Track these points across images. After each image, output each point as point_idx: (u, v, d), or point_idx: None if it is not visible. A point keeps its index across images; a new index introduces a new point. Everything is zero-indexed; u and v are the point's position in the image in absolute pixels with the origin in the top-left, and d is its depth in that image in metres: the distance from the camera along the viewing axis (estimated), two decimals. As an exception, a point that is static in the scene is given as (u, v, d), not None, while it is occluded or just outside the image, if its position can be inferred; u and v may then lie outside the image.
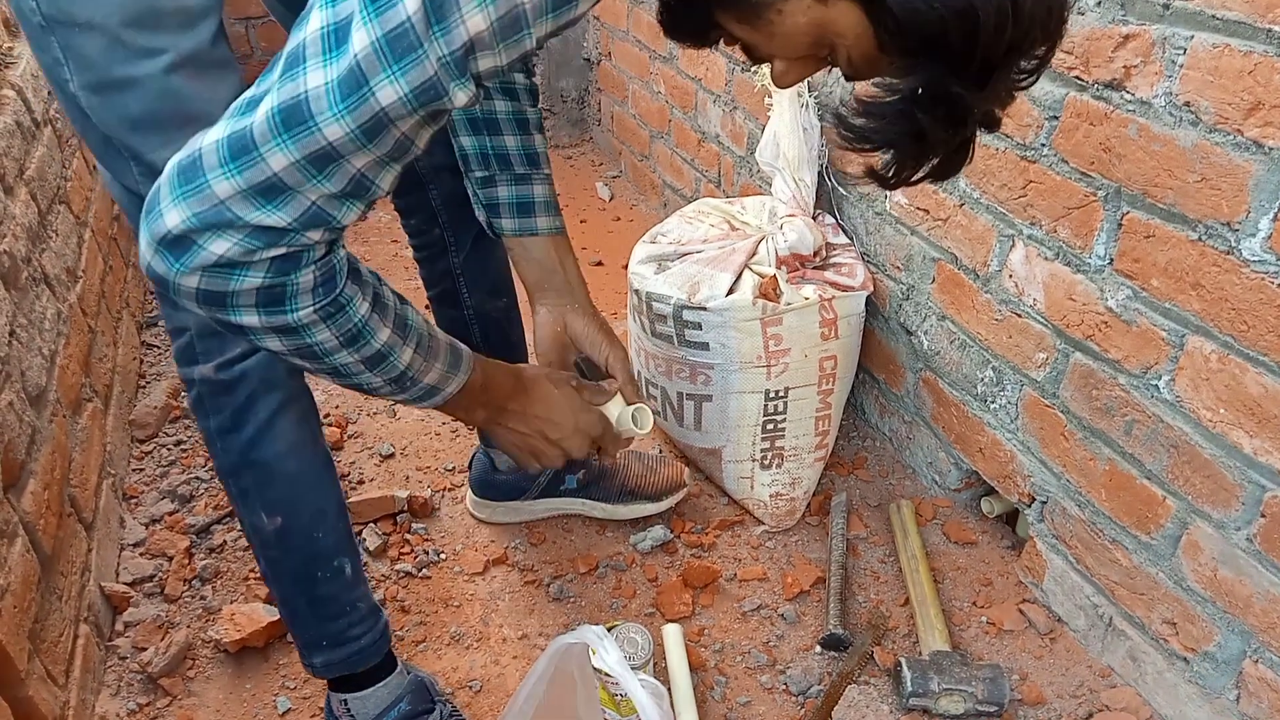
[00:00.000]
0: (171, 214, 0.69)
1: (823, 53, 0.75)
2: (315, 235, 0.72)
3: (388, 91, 0.65)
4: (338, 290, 0.76)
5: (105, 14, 0.84)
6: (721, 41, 0.80)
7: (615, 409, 1.12)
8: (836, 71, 0.76)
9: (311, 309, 0.75)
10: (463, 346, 0.93)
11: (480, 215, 1.21)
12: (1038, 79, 0.72)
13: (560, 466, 1.05)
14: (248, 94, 0.69)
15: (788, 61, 0.78)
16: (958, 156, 0.75)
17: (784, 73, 0.80)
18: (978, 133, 0.74)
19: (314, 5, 0.67)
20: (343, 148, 0.67)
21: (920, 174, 0.75)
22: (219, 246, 0.69)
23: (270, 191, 0.68)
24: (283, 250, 0.71)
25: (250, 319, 0.74)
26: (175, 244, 0.69)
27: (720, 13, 0.76)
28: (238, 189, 0.68)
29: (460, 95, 0.68)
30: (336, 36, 0.65)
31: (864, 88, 0.73)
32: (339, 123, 0.66)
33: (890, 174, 0.75)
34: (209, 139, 0.69)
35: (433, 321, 0.94)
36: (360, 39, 0.64)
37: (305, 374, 0.98)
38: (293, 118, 0.66)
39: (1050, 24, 0.68)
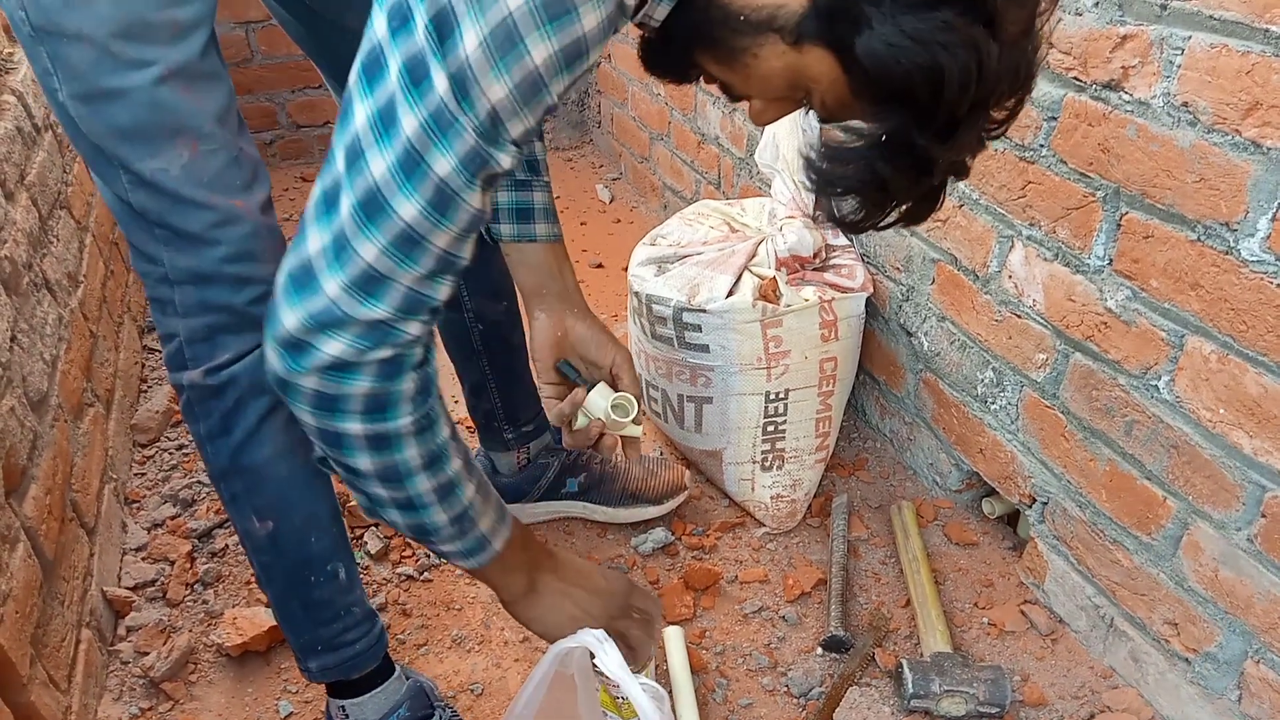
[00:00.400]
0: (289, 317, 0.75)
1: (798, 95, 0.78)
2: (415, 328, 0.77)
3: (442, 164, 0.70)
4: (431, 401, 0.83)
5: (94, 25, 0.84)
6: (701, 80, 0.82)
7: (600, 399, 1.11)
8: None
9: (409, 419, 0.81)
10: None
11: None
12: (1007, 130, 0.75)
13: (596, 626, 1.04)
14: (321, 190, 0.74)
15: (765, 101, 0.81)
16: (926, 203, 0.78)
17: (761, 111, 0.83)
18: (948, 180, 0.76)
19: (352, 98, 0.72)
20: (419, 226, 0.72)
21: (888, 219, 0.78)
22: (332, 347, 0.75)
23: (369, 283, 0.73)
24: (388, 352, 0.76)
25: (354, 425, 0.79)
26: (293, 346, 0.76)
27: (699, 53, 0.78)
28: (343, 285, 0.73)
29: (505, 159, 0.72)
30: (383, 122, 0.70)
31: (832, 134, 0.75)
32: (410, 201, 0.71)
33: (856, 219, 0.78)
34: (313, 246, 0.74)
35: None
36: (409, 122, 0.69)
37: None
38: (371, 206, 0.71)
39: (1018, 80, 0.70)
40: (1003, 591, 1.50)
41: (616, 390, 1.13)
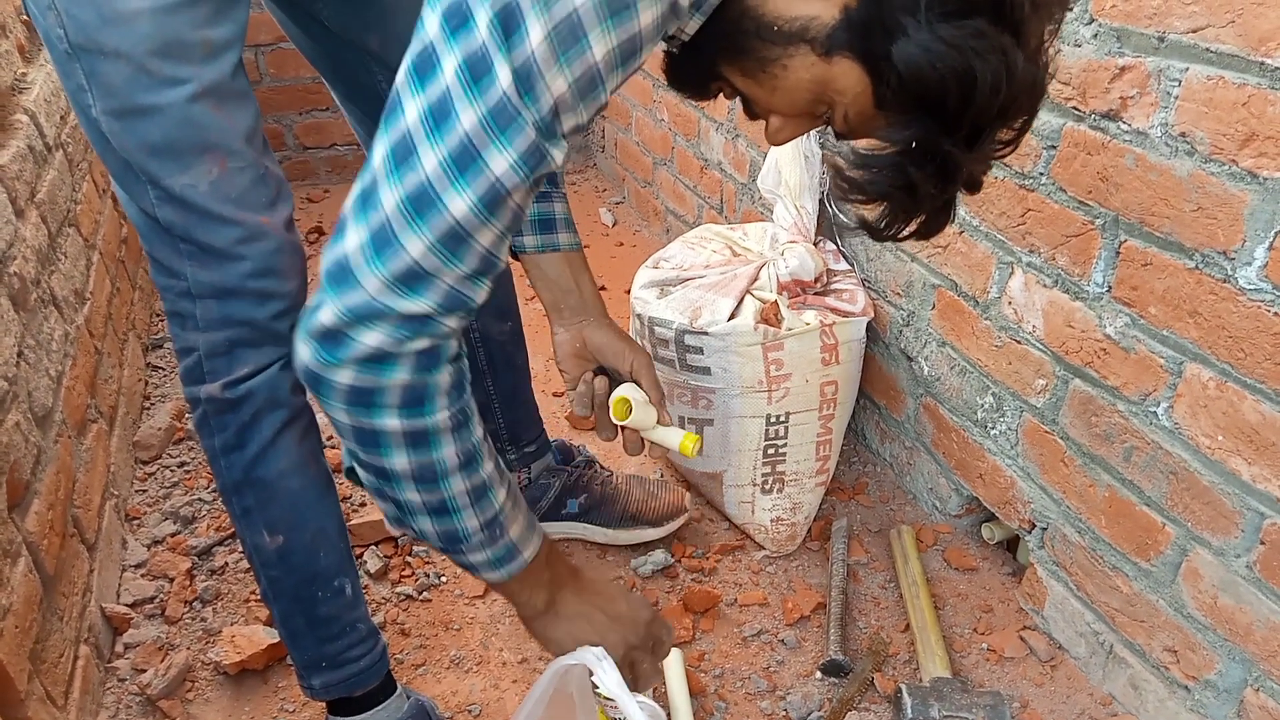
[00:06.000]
0: (325, 311, 0.75)
1: (820, 110, 0.79)
2: (454, 322, 0.77)
3: (499, 161, 0.70)
4: (466, 397, 0.83)
5: (132, 43, 0.86)
6: (721, 95, 0.84)
7: (673, 436, 1.11)
8: None
9: (446, 413, 0.80)
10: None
11: None
12: (1014, 149, 0.77)
13: (614, 653, 0.99)
14: (360, 188, 0.75)
15: (784, 118, 0.83)
16: (942, 215, 0.80)
17: (779, 129, 0.84)
18: (959, 194, 0.78)
19: (401, 97, 0.72)
20: (468, 224, 0.72)
21: (908, 230, 0.80)
22: (371, 338, 0.75)
23: (412, 279, 0.73)
24: (426, 343, 0.76)
25: (391, 421, 0.78)
26: (329, 337, 0.76)
27: (725, 65, 0.80)
28: (384, 280, 0.73)
29: (557, 155, 0.73)
30: (436, 118, 0.70)
31: (862, 142, 0.77)
32: (461, 197, 0.71)
33: (882, 226, 0.80)
34: (351, 243, 0.74)
35: None
36: (468, 117, 0.69)
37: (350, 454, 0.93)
38: (421, 201, 0.71)
39: (1033, 95, 0.73)
40: (1002, 617, 1.49)
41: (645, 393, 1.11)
